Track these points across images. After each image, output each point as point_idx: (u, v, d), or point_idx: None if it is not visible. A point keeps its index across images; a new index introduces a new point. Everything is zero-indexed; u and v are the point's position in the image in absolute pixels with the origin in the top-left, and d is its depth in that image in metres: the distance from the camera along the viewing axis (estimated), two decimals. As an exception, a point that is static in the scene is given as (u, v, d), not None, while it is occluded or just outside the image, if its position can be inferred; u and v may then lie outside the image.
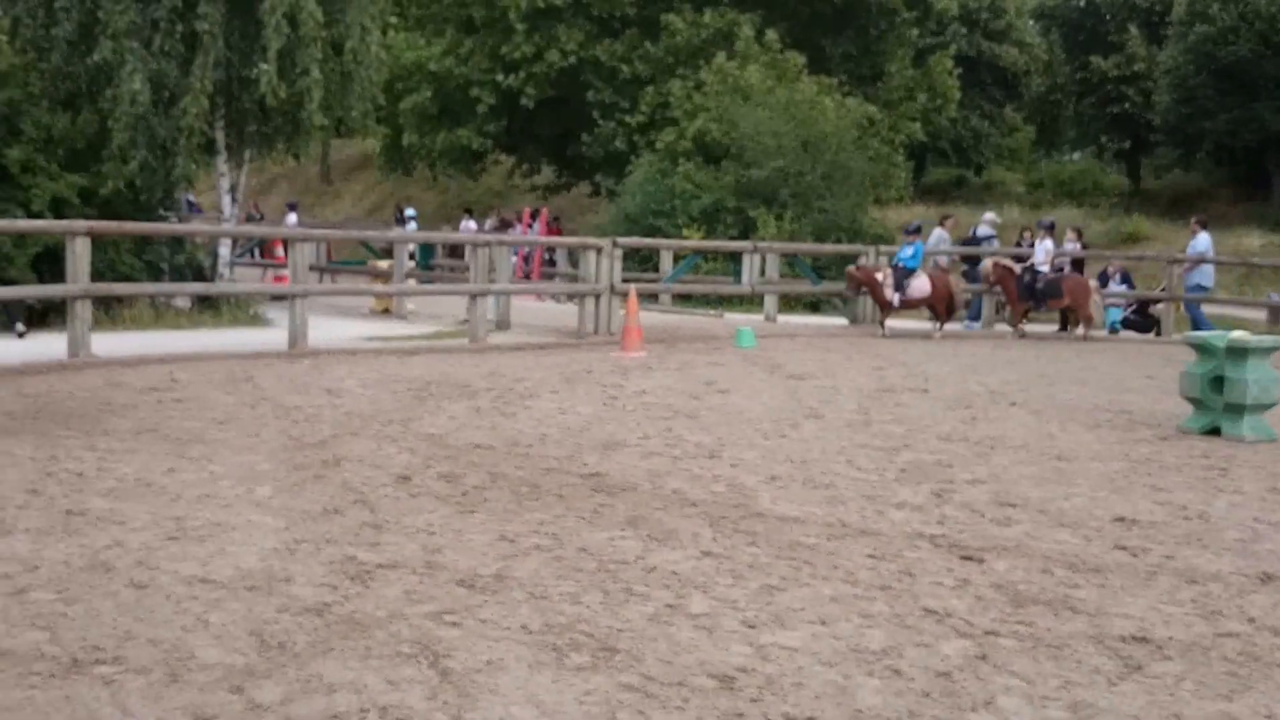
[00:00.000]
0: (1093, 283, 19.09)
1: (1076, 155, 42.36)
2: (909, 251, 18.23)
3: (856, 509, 6.82)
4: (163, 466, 7.26)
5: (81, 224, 12.81)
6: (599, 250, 17.11)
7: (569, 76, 29.47)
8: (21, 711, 3.73)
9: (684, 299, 21.99)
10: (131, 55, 16.29)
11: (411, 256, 22.34)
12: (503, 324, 17.51)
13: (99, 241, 14.02)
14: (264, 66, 16.69)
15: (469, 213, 30.44)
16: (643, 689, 4.11)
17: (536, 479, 7.33)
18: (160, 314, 16.56)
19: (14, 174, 15.92)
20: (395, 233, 24.21)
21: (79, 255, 12.25)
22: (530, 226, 27.41)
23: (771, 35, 27.23)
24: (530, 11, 28.65)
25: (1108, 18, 35.80)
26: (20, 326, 14.35)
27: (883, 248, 21.00)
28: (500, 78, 29.59)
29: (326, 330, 15.58)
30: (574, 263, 21.64)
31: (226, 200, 19.05)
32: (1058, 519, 6.73)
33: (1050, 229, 19.27)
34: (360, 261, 25.03)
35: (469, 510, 6.51)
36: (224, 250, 19.03)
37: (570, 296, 20.30)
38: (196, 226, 20.73)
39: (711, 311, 21.26)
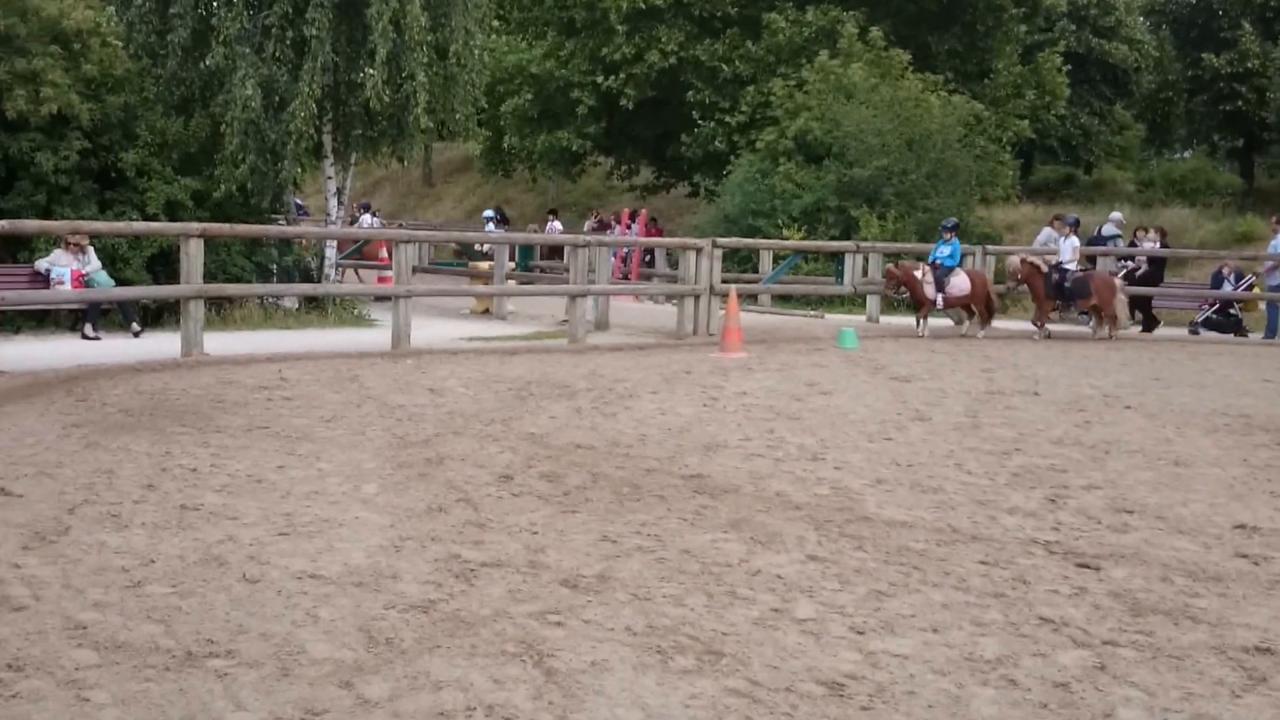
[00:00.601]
0: (1118, 281, 18.50)
1: (1188, 154, 41.18)
2: (946, 250, 17.67)
3: (967, 514, 6.67)
4: (273, 463, 7.38)
5: (195, 226, 13.10)
6: (698, 251, 17.07)
7: (669, 77, 29.44)
8: (138, 704, 3.79)
9: (784, 299, 21.83)
10: (243, 61, 16.63)
11: (511, 258, 22.50)
12: (601, 324, 17.56)
13: (211, 243, 14.35)
14: (370, 71, 16.93)
15: (554, 213, 30.58)
16: (749, 694, 4.05)
17: (638, 480, 7.30)
18: (269, 314, 16.90)
19: (130, 177, 16.37)
20: (496, 234, 24.41)
21: (192, 257, 12.54)
22: (629, 227, 27.45)
23: (875, 33, 26.92)
24: (631, 13, 28.68)
25: (1220, 14, 34.69)
26: (136, 326, 14.74)
27: (989, 248, 20.66)
28: (600, 79, 29.67)
29: (429, 330, 15.75)
30: (673, 263, 21.61)
31: (333, 203, 19.38)
32: (1176, 526, 6.52)
33: (1075, 225, 18.71)
34: (461, 263, 25.28)
35: (571, 510, 6.51)
36: (330, 252, 19.36)
37: (669, 297, 20.28)
38: (304, 229, 21.13)
39: (812, 312, 21.06)
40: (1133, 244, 21.08)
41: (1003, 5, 29.62)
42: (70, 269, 14.49)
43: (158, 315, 15.89)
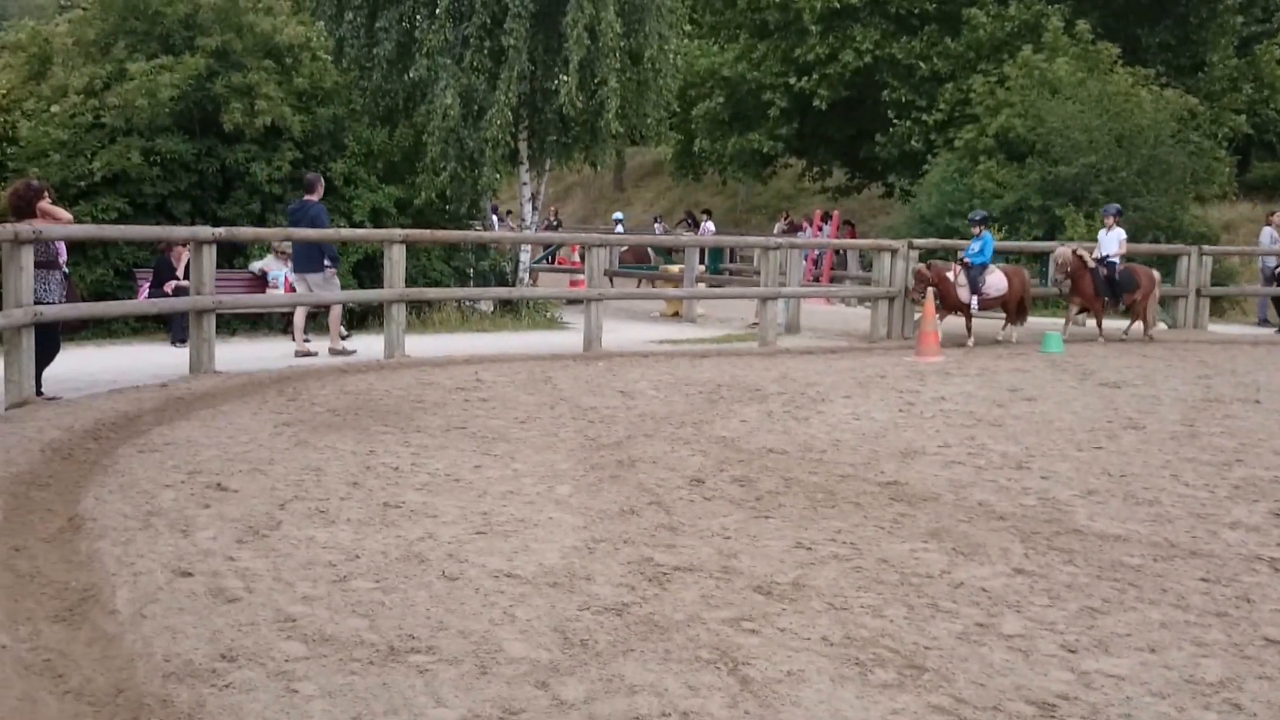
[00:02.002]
0: (1155, 274, 17.12)
1: None
2: (976, 246, 16.14)
3: (1185, 528, 6.31)
4: (470, 463, 7.51)
5: (398, 232, 13.50)
6: (893, 252, 16.74)
7: (863, 76, 29.02)
8: (344, 696, 3.88)
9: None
10: (444, 72, 17.10)
11: (701, 260, 22.51)
12: (792, 328, 17.39)
13: (412, 249, 14.79)
14: (564, 78, 17.18)
15: (708, 214, 30.44)
16: (954, 712, 3.89)
17: (832, 486, 7.16)
18: (466, 317, 17.32)
19: (338, 186, 16.99)
20: (686, 237, 24.47)
21: (395, 262, 12.93)
22: (820, 230, 27.15)
23: (1082, 26, 25.96)
24: (825, 12, 28.39)
25: None
26: (343, 329, 15.27)
27: (1205, 248, 19.66)
28: (793, 80, 29.46)
29: (619, 333, 15.87)
30: (866, 265, 21.25)
31: (528, 208, 19.75)
32: None
33: (1119, 215, 17.12)
34: (651, 266, 25.43)
35: (764, 515, 6.42)
36: (524, 256, 19.72)
37: (862, 300, 19.95)
38: (500, 233, 21.60)
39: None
40: None
41: (1218, -5, 28.18)
42: (285, 273, 15.15)
43: (362, 318, 16.46)
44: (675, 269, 21.44)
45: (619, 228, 28.22)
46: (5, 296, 9.10)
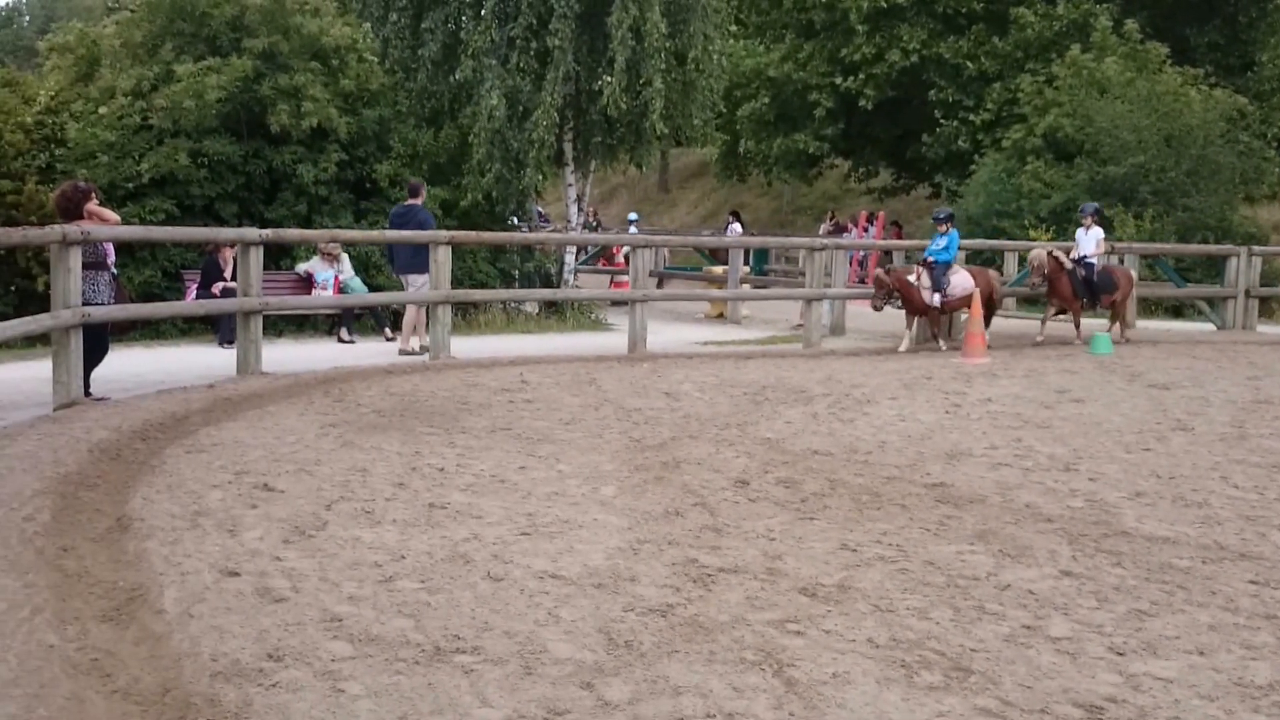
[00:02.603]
0: (1133, 274, 16.53)
1: None
2: (941, 243, 15.27)
3: (1234, 530, 6.23)
4: (515, 464, 7.54)
5: (444, 234, 13.56)
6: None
7: (910, 76, 28.85)
8: (390, 696, 3.90)
9: (1031, 303, 21.01)
10: (490, 73, 17.17)
11: (746, 262, 22.47)
12: (837, 329, 17.31)
13: (458, 250, 14.86)
14: (608, 79, 17.20)
15: (735, 215, 30.30)
16: (1001, 714, 3.86)
17: (877, 487, 7.12)
18: (511, 318, 17.37)
19: (383, 188, 17.12)
20: (730, 238, 24.42)
21: (441, 264, 12.98)
22: (866, 230, 27.01)
23: (1130, 25, 25.70)
24: (872, 12, 28.26)
25: None
26: (388, 331, 15.39)
27: (1255, 249, 19.39)
28: (839, 80, 29.34)
29: (664, 334, 15.87)
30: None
31: (573, 209, 19.79)
32: None
33: (1098, 214, 16.36)
34: (695, 267, 25.41)
35: (809, 517, 6.39)
36: (569, 258, 19.76)
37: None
38: (545, 235, 21.65)
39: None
40: None
41: (1268, -6, 27.81)
42: (333, 275, 15.28)
43: (409, 319, 16.55)
44: (719, 270, 21.41)
45: (633, 228, 28.19)
46: (54, 297, 9.22)
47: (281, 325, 15.42)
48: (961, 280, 15.21)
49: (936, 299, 15.06)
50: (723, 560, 5.52)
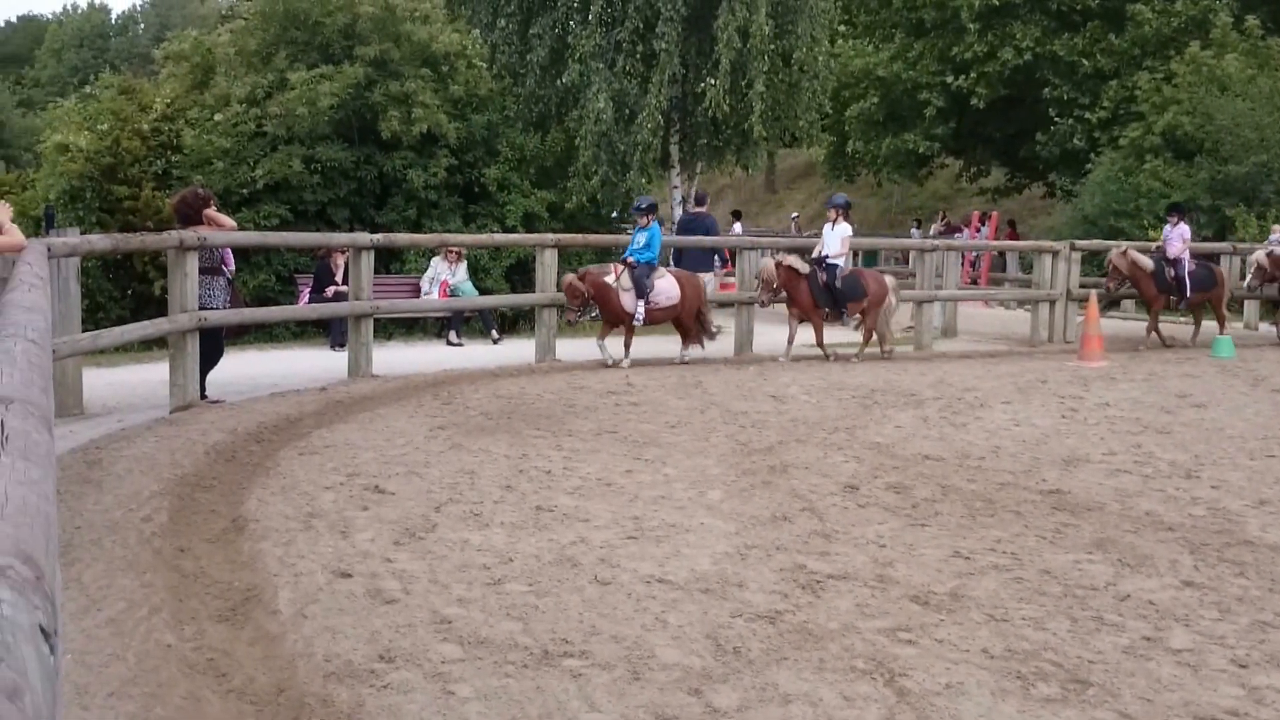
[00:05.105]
0: (888, 280, 14.30)
1: None
2: (641, 239, 12.73)
3: (1371, 543, 5.96)
4: (621, 467, 7.52)
5: (550, 237, 13.64)
6: (1054, 253, 16.26)
7: (1023, 74, 28.30)
8: (499, 699, 3.90)
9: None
10: (596, 76, 17.25)
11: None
12: (949, 331, 17.03)
13: (563, 253, 14.93)
14: (712, 81, 17.16)
15: (737, 215, 29.70)
16: (1123, 731, 3.73)
17: (991, 494, 6.96)
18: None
19: (491, 191, 17.29)
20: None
21: (547, 266, 13.05)
22: (979, 231, 26.54)
23: (1251, 22, 24.91)
24: (984, 10, 27.79)
25: None
26: (495, 333, 15.53)
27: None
28: (950, 79, 28.91)
29: (771, 336, 15.73)
30: (1026, 267, 20.70)
31: (678, 211, 19.77)
32: None
33: (845, 207, 14.11)
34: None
35: (920, 523, 6.27)
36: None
37: (1022, 303, 19.43)
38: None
39: (1181, 319, 19.62)
40: None
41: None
42: (441, 279, 15.47)
43: (514, 322, 16.69)
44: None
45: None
46: (171, 302, 9.47)
47: (391, 328, 15.64)
48: (666, 286, 12.74)
49: (641, 308, 12.54)
50: (832, 566, 5.44)
